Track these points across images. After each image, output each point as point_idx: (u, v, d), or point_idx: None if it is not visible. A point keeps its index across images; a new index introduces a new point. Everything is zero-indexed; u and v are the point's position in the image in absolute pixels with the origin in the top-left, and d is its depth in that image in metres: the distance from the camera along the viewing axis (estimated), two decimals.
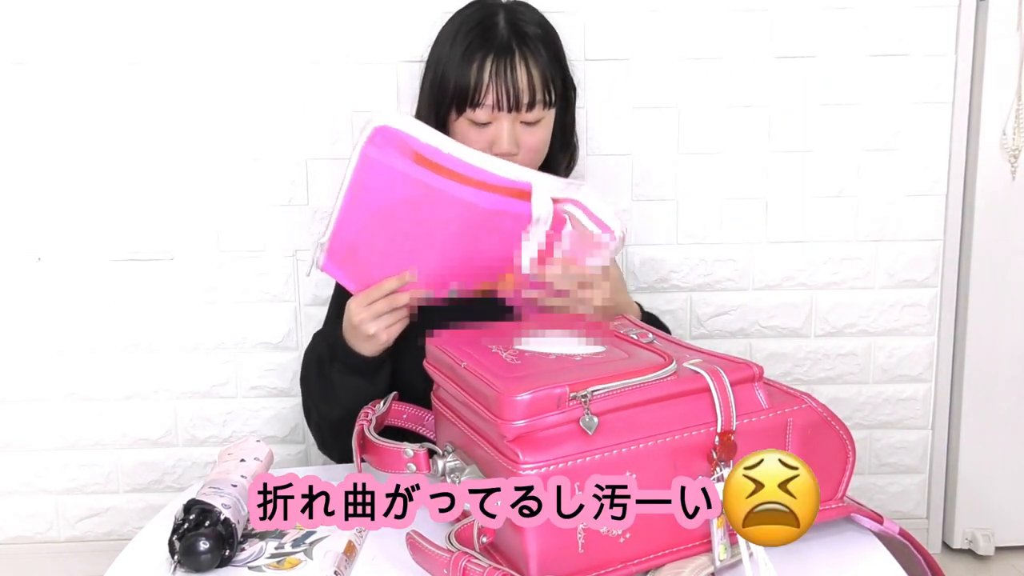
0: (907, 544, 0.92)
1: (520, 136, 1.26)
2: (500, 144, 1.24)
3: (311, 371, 1.24)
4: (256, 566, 0.87)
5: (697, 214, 1.73)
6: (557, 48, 1.32)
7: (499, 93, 1.23)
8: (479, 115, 1.25)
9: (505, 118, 1.25)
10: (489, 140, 1.25)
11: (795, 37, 1.68)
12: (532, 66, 1.25)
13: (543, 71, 1.26)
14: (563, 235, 1.09)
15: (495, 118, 1.25)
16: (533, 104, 1.25)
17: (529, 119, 1.26)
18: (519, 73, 1.24)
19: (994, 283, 1.78)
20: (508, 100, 1.24)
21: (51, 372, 1.74)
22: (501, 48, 1.25)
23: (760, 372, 0.88)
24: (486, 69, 1.24)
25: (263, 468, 1.01)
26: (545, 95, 1.26)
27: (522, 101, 1.24)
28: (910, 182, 1.74)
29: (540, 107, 1.26)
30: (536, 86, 1.25)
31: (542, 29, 1.31)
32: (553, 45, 1.31)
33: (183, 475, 1.79)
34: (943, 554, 1.89)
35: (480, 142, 1.25)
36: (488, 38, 1.27)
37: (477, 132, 1.26)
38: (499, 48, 1.25)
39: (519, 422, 0.79)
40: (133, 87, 1.66)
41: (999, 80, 1.70)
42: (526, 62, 1.25)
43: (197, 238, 1.71)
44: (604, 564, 0.81)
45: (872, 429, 1.84)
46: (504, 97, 1.24)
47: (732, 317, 1.78)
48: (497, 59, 1.24)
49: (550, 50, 1.30)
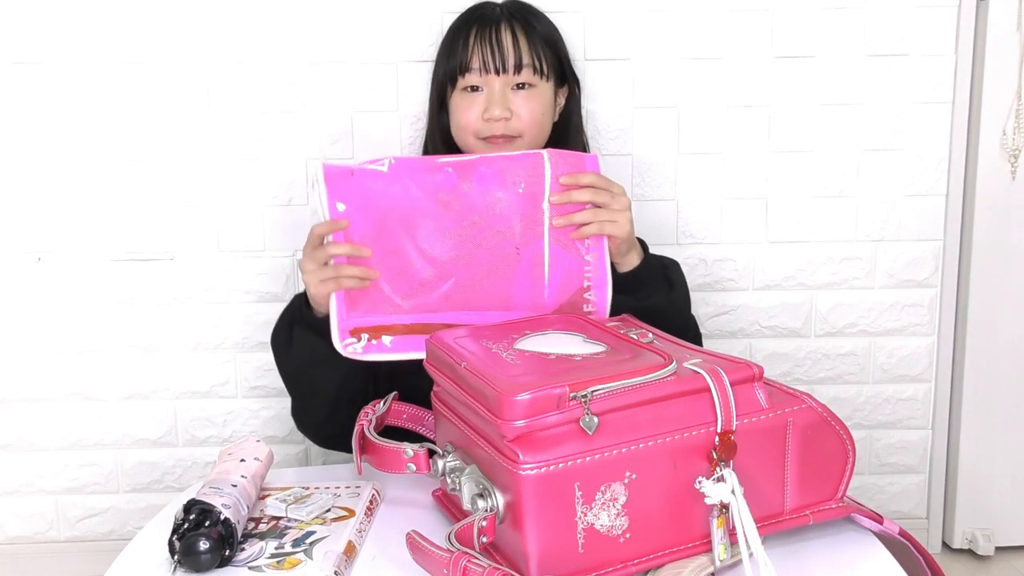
0: (907, 544, 0.92)
1: (513, 101, 1.29)
2: (491, 107, 1.28)
3: (280, 324, 1.25)
4: (256, 566, 0.87)
5: (697, 214, 1.73)
6: (552, 32, 1.38)
7: (484, 54, 1.28)
8: (469, 79, 1.30)
9: (495, 81, 1.29)
10: (481, 104, 1.29)
11: (795, 37, 1.68)
12: (519, 33, 1.31)
13: (532, 40, 1.31)
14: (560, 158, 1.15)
15: (485, 82, 1.29)
16: (520, 66, 1.29)
17: (520, 80, 1.29)
18: (504, 36, 1.30)
19: (994, 283, 1.78)
20: (494, 60, 1.28)
21: (51, 372, 1.74)
22: (487, 19, 1.32)
23: (760, 372, 0.88)
24: (471, 35, 1.31)
25: (263, 468, 1.02)
26: (534, 60, 1.30)
27: (508, 63, 1.28)
28: (910, 182, 1.74)
29: (529, 71, 1.29)
30: (522, 49, 1.29)
31: (537, 16, 1.37)
32: (548, 27, 1.37)
33: (183, 475, 1.79)
34: (943, 554, 1.89)
35: (472, 110, 1.29)
36: (479, 15, 1.34)
37: (469, 101, 1.30)
38: (484, 19, 1.32)
39: (519, 422, 0.79)
40: (133, 87, 1.66)
41: (999, 80, 1.70)
42: (512, 29, 1.31)
43: (197, 238, 1.71)
44: (604, 564, 0.81)
45: (872, 429, 1.84)
46: (490, 57, 1.28)
47: (732, 317, 1.78)
48: (481, 27, 1.31)
49: (543, 28, 1.35)
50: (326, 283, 1.11)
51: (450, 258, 1.12)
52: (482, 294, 1.13)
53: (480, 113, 1.28)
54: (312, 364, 1.20)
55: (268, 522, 0.96)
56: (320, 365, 1.18)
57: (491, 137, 1.29)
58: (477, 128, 1.29)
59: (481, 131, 1.29)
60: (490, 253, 1.13)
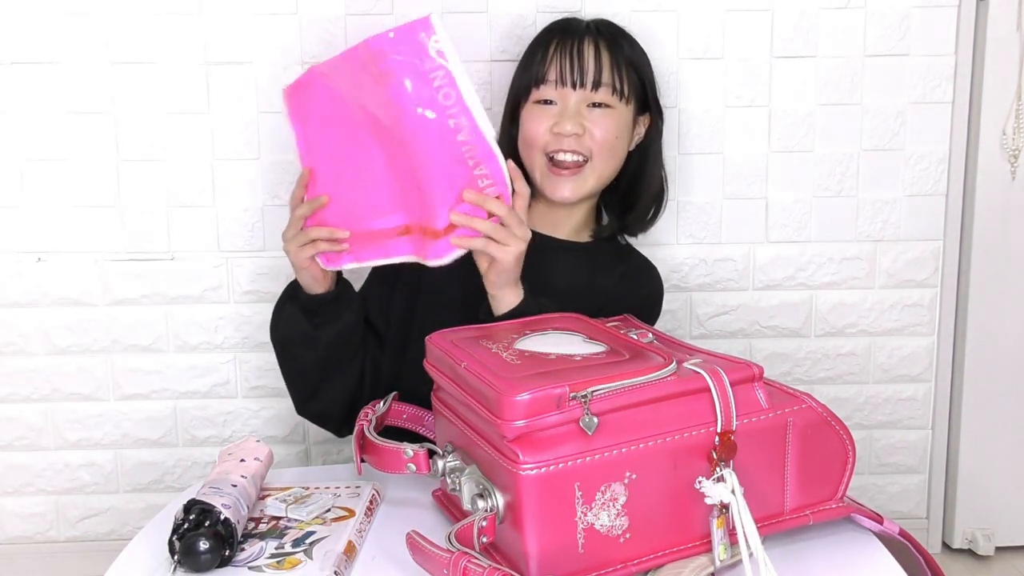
0: (907, 544, 0.93)
1: (587, 119, 1.23)
2: (563, 120, 1.22)
3: (280, 297, 1.27)
4: (256, 566, 0.87)
5: (697, 214, 1.73)
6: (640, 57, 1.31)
7: (562, 65, 1.22)
8: (544, 91, 1.24)
9: (571, 95, 1.23)
10: (553, 118, 1.23)
11: (795, 37, 1.68)
12: (603, 49, 1.25)
13: (616, 59, 1.25)
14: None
15: (560, 96, 1.24)
16: (599, 83, 1.23)
17: (596, 99, 1.23)
18: (586, 49, 1.24)
19: (994, 283, 1.78)
20: (572, 73, 1.22)
21: (51, 372, 1.74)
22: (571, 31, 1.26)
23: (760, 372, 0.88)
24: (552, 46, 1.25)
25: (263, 468, 1.02)
26: (614, 80, 1.24)
27: (587, 77, 1.22)
28: (910, 182, 1.74)
29: (608, 91, 1.23)
30: (604, 66, 1.23)
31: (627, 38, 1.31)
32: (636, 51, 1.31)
33: (183, 475, 1.79)
34: (943, 554, 1.89)
35: (543, 123, 1.23)
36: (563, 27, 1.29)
37: (540, 112, 1.25)
38: (568, 31, 1.26)
39: (519, 422, 0.79)
40: (133, 87, 1.66)
41: (999, 80, 1.70)
42: (596, 46, 1.25)
43: (197, 238, 1.71)
44: (604, 564, 0.81)
45: (872, 429, 1.84)
46: (568, 70, 1.22)
47: (732, 317, 1.78)
48: (563, 39, 1.25)
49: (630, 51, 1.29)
50: (304, 248, 1.14)
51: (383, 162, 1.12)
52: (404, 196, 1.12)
53: (550, 126, 1.23)
54: (292, 342, 1.23)
55: (268, 522, 0.96)
56: (298, 344, 1.22)
57: (558, 154, 1.24)
58: (545, 142, 1.24)
59: (549, 144, 1.24)
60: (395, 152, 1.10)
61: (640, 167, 1.35)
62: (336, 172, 1.15)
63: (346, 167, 1.14)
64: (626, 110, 1.27)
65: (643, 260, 1.40)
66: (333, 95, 1.12)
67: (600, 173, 1.27)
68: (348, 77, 1.09)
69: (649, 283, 1.37)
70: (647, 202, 1.38)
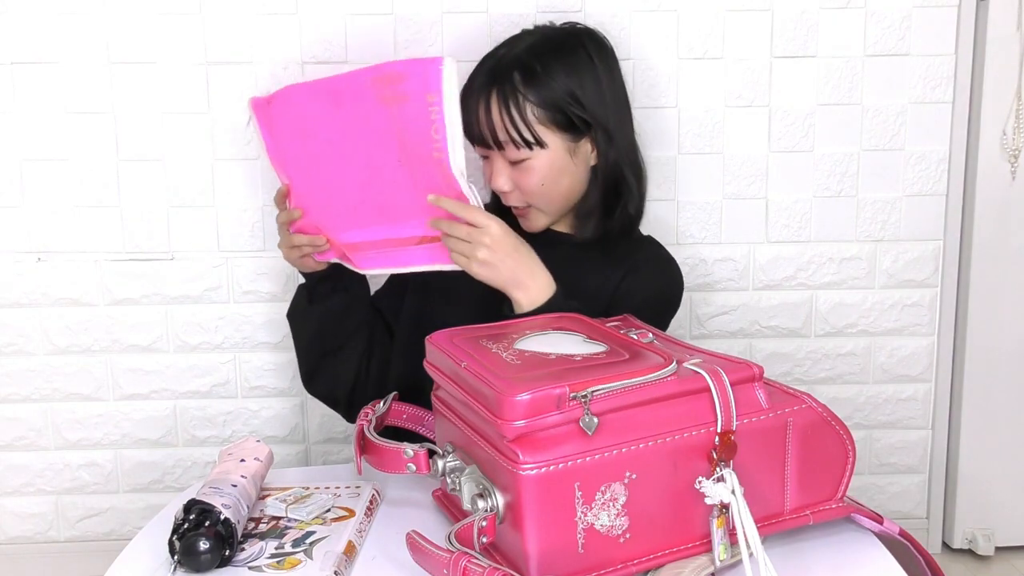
0: (907, 544, 0.93)
1: (512, 173, 1.24)
2: (494, 181, 1.26)
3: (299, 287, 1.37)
4: (256, 566, 0.87)
5: (697, 214, 1.73)
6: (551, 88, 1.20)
7: (470, 128, 1.21)
8: (477, 150, 1.27)
9: (495, 155, 1.24)
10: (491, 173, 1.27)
11: (795, 37, 1.68)
12: (494, 105, 1.20)
13: (512, 111, 1.19)
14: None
15: (487, 153, 1.26)
16: (500, 144, 1.21)
17: (509, 157, 1.22)
18: (480, 112, 1.22)
19: (994, 283, 1.78)
20: (475, 138, 1.24)
21: (51, 372, 1.74)
22: (471, 86, 1.24)
23: (760, 372, 0.88)
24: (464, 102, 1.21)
25: (263, 468, 1.02)
26: (512, 134, 1.19)
27: (488, 141, 1.22)
28: (910, 182, 1.74)
29: (512, 147, 1.20)
30: (496, 126, 1.20)
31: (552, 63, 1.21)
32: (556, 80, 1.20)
33: (183, 475, 1.79)
34: (943, 554, 1.89)
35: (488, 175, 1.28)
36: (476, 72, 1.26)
37: (485, 163, 1.29)
38: (469, 86, 1.24)
39: (519, 422, 0.79)
40: (133, 87, 1.66)
41: (999, 80, 1.71)
42: (488, 102, 1.20)
43: (197, 238, 1.71)
44: (604, 564, 0.81)
45: (872, 429, 1.84)
46: (473, 134, 1.23)
47: (732, 317, 1.78)
48: (466, 93, 1.23)
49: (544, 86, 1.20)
50: (291, 251, 1.27)
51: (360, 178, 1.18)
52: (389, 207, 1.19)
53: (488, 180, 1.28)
54: (293, 315, 1.36)
55: (268, 522, 0.96)
56: (297, 318, 1.35)
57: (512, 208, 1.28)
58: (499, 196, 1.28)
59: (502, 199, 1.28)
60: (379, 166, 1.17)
61: (612, 181, 1.28)
62: (316, 182, 1.23)
63: (327, 177, 1.22)
64: (548, 152, 1.22)
65: (660, 253, 1.34)
66: (305, 111, 1.19)
67: (550, 209, 1.27)
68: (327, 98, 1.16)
69: (660, 276, 1.32)
70: (633, 199, 1.31)
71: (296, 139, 1.21)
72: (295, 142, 1.22)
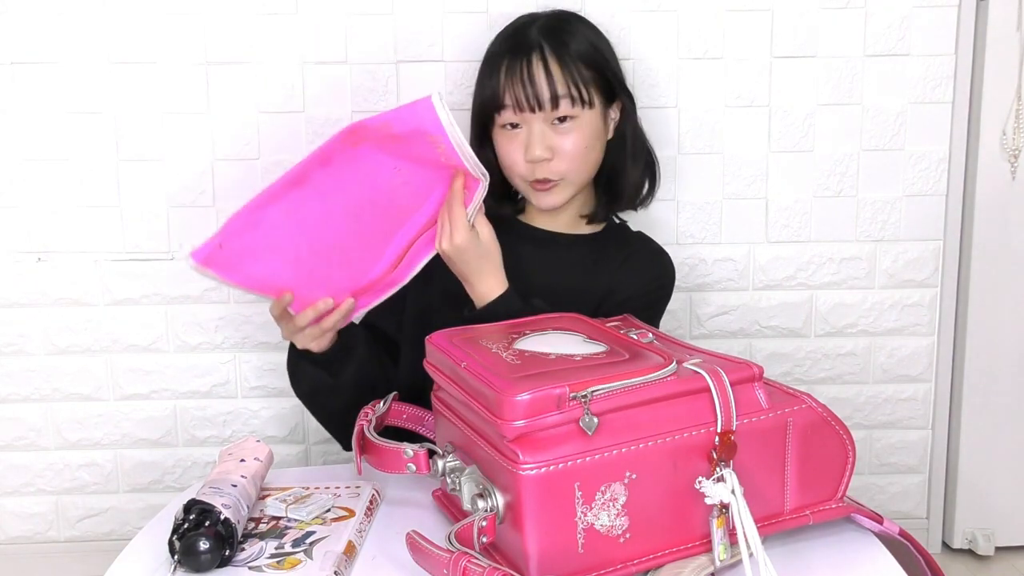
0: (907, 544, 0.93)
1: (554, 139, 1.23)
2: (531, 148, 1.22)
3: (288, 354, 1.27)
4: (256, 566, 0.87)
5: (697, 214, 1.73)
6: (593, 50, 1.27)
7: (516, 92, 1.21)
8: (506, 116, 1.24)
9: (533, 120, 1.23)
10: (523, 144, 1.23)
11: (795, 37, 1.68)
12: (552, 61, 1.22)
13: (568, 67, 1.22)
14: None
15: (523, 120, 1.23)
16: (556, 100, 1.21)
17: (559, 114, 1.22)
18: (535, 69, 1.22)
19: (994, 283, 1.78)
20: (528, 99, 1.21)
21: (51, 372, 1.74)
22: (518, 48, 1.24)
23: (760, 372, 0.88)
24: (502, 69, 1.23)
25: (263, 468, 1.02)
26: (571, 91, 1.22)
27: (543, 98, 1.21)
28: (910, 182, 1.74)
29: (568, 103, 1.22)
30: (556, 82, 1.21)
31: (578, 30, 1.28)
32: (588, 45, 1.27)
33: (183, 475, 1.79)
34: (943, 554, 1.89)
35: (517, 152, 1.24)
36: (512, 43, 1.26)
37: (510, 139, 1.25)
38: (516, 48, 1.24)
39: (519, 422, 0.79)
40: (133, 87, 1.66)
41: (999, 80, 1.70)
42: (544, 59, 1.22)
43: (197, 238, 1.70)
44: (604, 564, 0.81)
45: (872, 429, 1.84)
46: (523, 97, 1.21)
47: (732, 317, 1.78)
48: (512, 59, 1.23)
49: (581, 47, 1.26)
50: (319, 340, 1.17)
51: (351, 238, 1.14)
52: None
53: (523, 155, 1.24)
54: (317, 392, 1.26)
55: (268, 522, 0.96)
56: (324, 394, 1.26)
57: (535, 182, 1.25)
58: (523, 172, 1.25)
59: (527, 175, 1.25)
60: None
61: (620, 155, 1.34)
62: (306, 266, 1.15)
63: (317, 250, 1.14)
64: (592, 113, 1.25)
65: (651, 246, 1.38)
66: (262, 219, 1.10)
67: (579, 181, 1.28)
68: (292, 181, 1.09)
69: (653, 268, 1.35)
70: (635, 179, 1.36)
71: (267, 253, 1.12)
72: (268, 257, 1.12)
